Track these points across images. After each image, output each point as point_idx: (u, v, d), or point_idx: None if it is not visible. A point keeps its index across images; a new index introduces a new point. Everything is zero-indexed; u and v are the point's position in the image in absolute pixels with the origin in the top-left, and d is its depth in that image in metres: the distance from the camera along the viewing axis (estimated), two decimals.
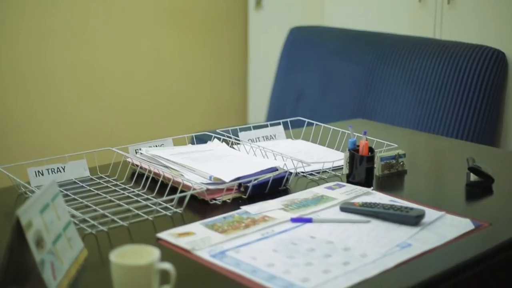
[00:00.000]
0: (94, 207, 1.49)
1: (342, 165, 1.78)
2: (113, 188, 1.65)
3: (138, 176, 1.70)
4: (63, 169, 1.69)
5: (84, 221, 1.41)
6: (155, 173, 1.68)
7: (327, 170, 1.80)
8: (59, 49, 3.49)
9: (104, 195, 1.59)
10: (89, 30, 3.60)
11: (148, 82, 3.82)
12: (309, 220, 1.43)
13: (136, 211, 1.47)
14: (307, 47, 3.41)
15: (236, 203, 1.54)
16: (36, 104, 3.48)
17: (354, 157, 1.68)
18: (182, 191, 1.52)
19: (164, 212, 1.48)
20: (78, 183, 1.68)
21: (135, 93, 3.78)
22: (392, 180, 1.78)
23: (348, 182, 1.70)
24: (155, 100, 3.86)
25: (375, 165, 1.72)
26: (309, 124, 2.17)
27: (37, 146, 3.46)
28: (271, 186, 1.62)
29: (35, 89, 3.47)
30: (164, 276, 1.11)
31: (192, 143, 2.24)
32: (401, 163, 1.82)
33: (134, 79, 3.77)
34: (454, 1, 3.05)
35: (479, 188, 1.71)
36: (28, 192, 1.60)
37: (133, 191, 1.62)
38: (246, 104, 4.16)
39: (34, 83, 3.46)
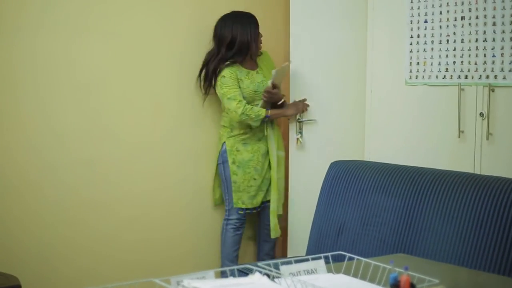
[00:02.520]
0: None
1: None
2: None
3: None
4: None
5: None
6: None
7: None
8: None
9: None
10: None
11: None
12: None
13: None
14: (348, 181, 3.45)
15: None
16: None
17: None
18: None
19: None
20: None
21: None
22: None
23: None
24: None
25: None
26: (350, 258, 2.16)
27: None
28: None
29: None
30: None
31: (233, 275, 2.24)
32: None
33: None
34: (493, 136, 3.10)
35: None
36: None
37: None
38: (286, 236, 4.17)
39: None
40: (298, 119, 3.97)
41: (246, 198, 3.94)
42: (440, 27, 3.33)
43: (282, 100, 3.91)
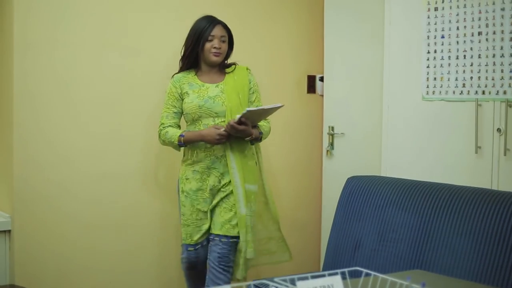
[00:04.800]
0: None
1: None
2: None
3: None
4: None
5: None
6: None
7: None
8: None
9: None
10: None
11: None
12: None
13: None
14: (365, 197, 3.45)
15: None
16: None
17: None
18: None
19: None
20: None
21: None
22: None
23: None
24: None
25: None
26: (367, 274, 2.16)
27: None
28: None
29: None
30: None
31: None
32: None
33: None
34: (511, 152, 3.09)
35: None
36: None
37: None
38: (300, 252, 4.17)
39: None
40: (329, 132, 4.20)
41: (196, 233, 3.41)
42: (457, 42, 3.33)
43: (251, 137, 3.35)
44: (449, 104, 3.38)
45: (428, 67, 3.47)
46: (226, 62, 3.51)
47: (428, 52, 3.47)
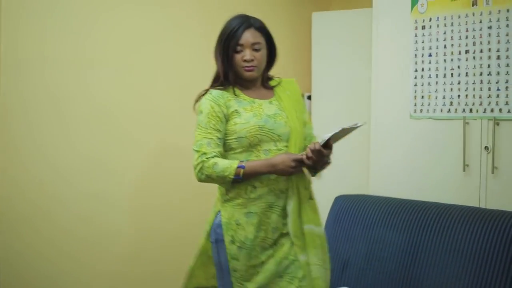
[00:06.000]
0: None
1: None
2: None
3: None
4: None
5: None
6: None
7: None
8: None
9: None
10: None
11: None
12: None
13: None
14: (353, 216, 3.43)
15: None
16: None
17: None
18: None
19: None
20: None
21: None
22: None
23: None
24: None
25: None
26: None
27: None
28: None
29: None
30: None
31: None
32: None
33: None
34: (498, 170, 3.08)
35: None
36: None
37: None
38: None
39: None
40: None
41: None
42: (445, 60, 3.33)
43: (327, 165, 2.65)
44: (437, 122, 3.37)
45: (415, 85, 3.47)
46: (268, 71, 2.76)
47: (416, 71, 3.47)
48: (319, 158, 2.49)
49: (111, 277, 3.71)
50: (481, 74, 3.17)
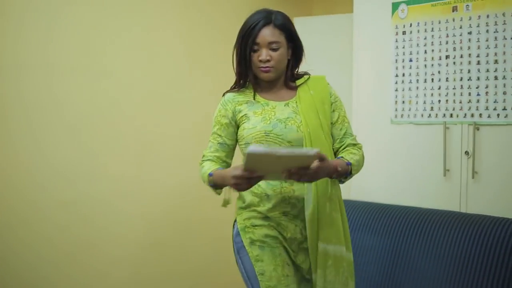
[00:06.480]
0: None
1: None
2: None
3: None
4: None
5: None
6: None
7: None
8: None
9: None
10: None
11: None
12: None
13: None
14: None
15: None
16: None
17: None
18: None
19: None
20: None
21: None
22: None
23: None
24: None
25: None
26: None
27: None
28: None
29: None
30: None
31: None
32: None
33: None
34: (478, 174, 3.09)
35: None
36: None
37: None
38: None
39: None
40: None
41: None
42: (425, 66, 3.35)
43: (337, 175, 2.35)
44: (418, 127, 3.38)
45: (396, 90, 3.48)
46: (296, 72, 2.54)
47: (397, 76, 3.48)
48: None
49: (109, 279, 3.71)
50: (461, 79, 3.19)
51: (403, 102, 3.44)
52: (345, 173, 2.34)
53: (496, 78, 3.06)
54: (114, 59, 3.73)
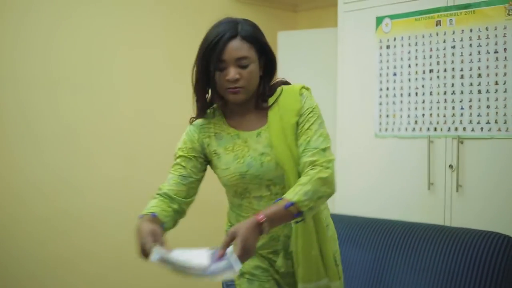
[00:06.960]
0: None
1: None
2: None
3: None
4: None
5: None
6: None
7: None
8: None
9: None
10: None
11: None
12: None
13: None
14: None
15: None
16: None
17: None
18: None
19: None
20: None
21: None
22: None
23: None
24: None
25: None
26: None
27: None
28: None
29: None
30: None
31: None
32: None
33: None
34: (463, 188, 3.09)
35: None
36: None
37: None
38: None
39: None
40: None
41: None
42: (409, 80, 3.35)
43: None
44: (402, 141, 3.38)
45: (380, 104, 3.48)
46: (265, 89, 2.11)
47: (381, 90, 3.48)
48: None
49: (100, 282, 3.72)
50: (445, 93, 3.20)
51: (387, 115, 3.45)
52: (290, 216, 1.89)
53: (479, 92, 3.07)
54: (103, 70, 3.74)
